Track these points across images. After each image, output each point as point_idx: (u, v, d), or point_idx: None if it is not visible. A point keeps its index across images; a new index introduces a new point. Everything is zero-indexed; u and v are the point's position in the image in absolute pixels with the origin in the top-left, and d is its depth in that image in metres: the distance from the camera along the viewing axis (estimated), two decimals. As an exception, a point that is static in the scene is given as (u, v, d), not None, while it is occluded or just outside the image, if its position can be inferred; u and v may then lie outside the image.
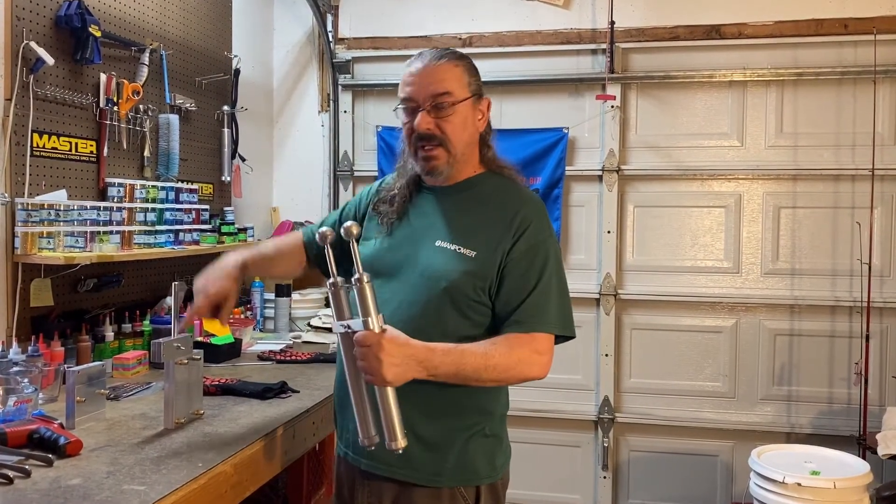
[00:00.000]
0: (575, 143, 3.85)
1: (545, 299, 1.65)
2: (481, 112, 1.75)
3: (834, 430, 3.57)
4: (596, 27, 3.79)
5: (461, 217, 1.70)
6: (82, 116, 2.57)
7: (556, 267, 1.70)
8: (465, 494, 1.66)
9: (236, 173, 3.57)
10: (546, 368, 1.65)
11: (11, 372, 1.95)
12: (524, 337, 1.62)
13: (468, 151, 1.73)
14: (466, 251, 1.63)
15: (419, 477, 1.64)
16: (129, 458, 1.62)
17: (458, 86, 1.69)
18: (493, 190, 1.74)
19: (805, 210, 3.67)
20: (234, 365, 2.62)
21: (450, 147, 1.68)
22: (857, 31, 3.52)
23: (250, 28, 3.84)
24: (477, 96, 1.74)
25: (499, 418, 1.73)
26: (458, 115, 1.68)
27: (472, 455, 1.66)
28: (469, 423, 1.66)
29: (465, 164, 1.74)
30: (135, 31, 2.83)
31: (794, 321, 3.68)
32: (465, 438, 1.65)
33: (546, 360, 1.64)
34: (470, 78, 1.72)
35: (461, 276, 1.62)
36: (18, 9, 2.28)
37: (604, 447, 3.80)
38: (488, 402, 1.69)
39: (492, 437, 1.70)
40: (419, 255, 1.67)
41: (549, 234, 1.71)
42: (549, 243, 1.70)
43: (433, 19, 3.95)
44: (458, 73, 1.70)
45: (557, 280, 1.69)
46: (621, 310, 3.83)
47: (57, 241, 2.31)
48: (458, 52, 1.77)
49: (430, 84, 1.68)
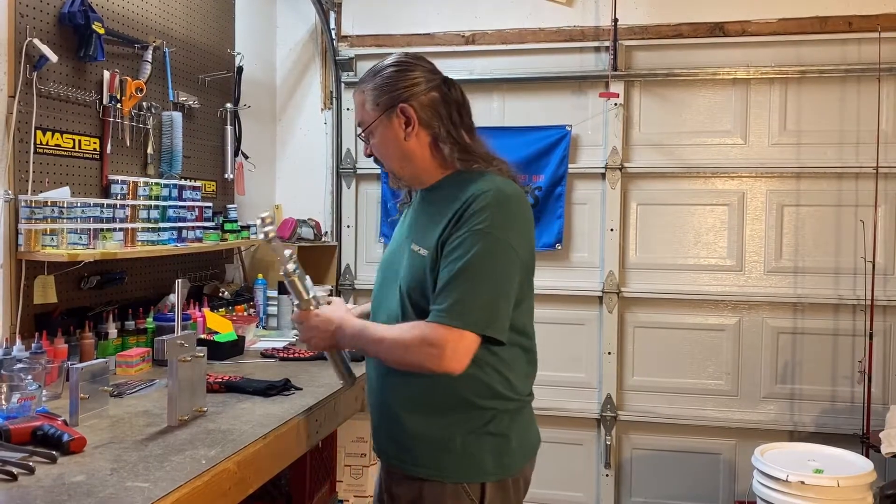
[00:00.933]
0: (578, 140, 3.85)
1: (456, 291, 1.56)
2: (404, 119, 1.71)
3: (837, 429, 3.57)
4: (599, 24, 3.78)
5: (427, 219, 1.72)
6: (85, 114, 2.57)
7: (489, 256, 1.58)
8: (468, 491, 1.66)
9: (239, 171, 3.57)
10: (443, 363, 1.55)
11: (15, 369, 1.95)
12: (424, 325, 1.58)
13: (408, 163, 1.75)
14: (422, 250, 1.66)
15: (425, 472, 1.68)
16: (133, 455, 1.62)
17: (365, 112, 1.75)
18: (453, 187, 1.69)
19: (808, 208, 3.66)
20: (238, 362, 2.62)
21: (388, 168, 1.80)
22: (861, 29, 3.51)
23: (253, 25, 3.84)
24: (390, 109, 1.71)
25: (507, 416, 1.69)
26: (376, 137, 1.75)
27: (474, 451, 1.66)
28: (467, 419, 1.66)
29: (418, 174, 1.76)
30: (138, 29, 2.83)
31: (797, 319, 3.67)
32: (466, 434, 1.66)
33: (438, 353, 1.54)
34: (378, 96, 1.72)
35: (416, 276, 1.66)
36: (22, 6, 2.29)
37: (606, 445, 3.80)
38: (485, 398, 1.66)
39: (498, 434, 1.68)
40: (403, 259, 1.74)
41: (491, 226, 1.58)
42: (487, 234, 1.58)
43: (436, 17, 3.95)
44: (362, 100, 1.76)
45: (486, 271, 1.57)
46: (624, 308, 3.83)
47: (60, 239, 2.31)
48: (373, 71, 1.77)
49: (355, 115, 1.86)
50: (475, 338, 1.57)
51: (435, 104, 1.72)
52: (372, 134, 1.75)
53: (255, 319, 3.15)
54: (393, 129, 1.72)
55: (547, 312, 3.83)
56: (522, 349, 1.72)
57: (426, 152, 1.74)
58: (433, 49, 3.93)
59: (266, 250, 3.68)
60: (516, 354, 1.71)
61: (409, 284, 1.67)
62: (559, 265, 3.88)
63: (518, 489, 1.74)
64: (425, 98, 1.72)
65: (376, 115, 1.72)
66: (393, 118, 1.71)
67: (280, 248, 1.80)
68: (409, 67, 1.74)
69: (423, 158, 1.74)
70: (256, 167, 3.78)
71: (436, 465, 1.67)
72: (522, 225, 1.66)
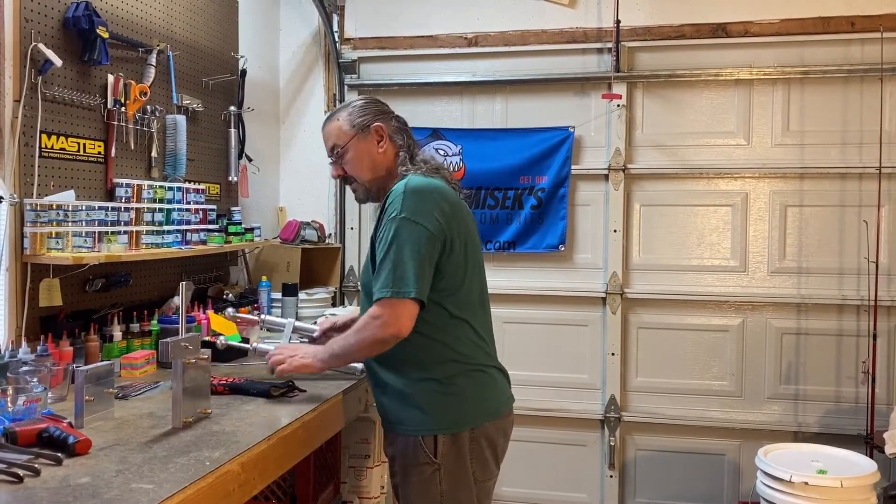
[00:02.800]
0: (581, 141, 3.85)
1: (382, 271, 1.89)
2: (377, 136, 2.11)
3: (841, 429, 3.57)
4: (601, 26, 3.79)
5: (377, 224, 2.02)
6: (90, 117, 2.59)
7: (397, 239, 1.89)
8: (423, 443, 1.94)
9: (243, 173, 3.58)
10: (387, 328, 1.87)
11: (21, 371, 1.97)
12: (369, 308, 1.93)
13: (380, 174, 2.12)
14: (367, 253, 2.03)
15: (391, 425, 2.04)
16: (138, 457, 1.63)
17: (340, 134, 2.12)
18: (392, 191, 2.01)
19: (812, 208, 3.66)
20: (242, 364, 2.63)
21: (358, 180, 2.13)
22: (863, 29, 3.51)
23: (257, 28, 3.85)
24: (364, 128, 2.10)
25: (460, 378, 1.97)
26: (349, 153, 2.11)
27: (428, 407, 1.95)
28: (423, 378, 1.96)
29: (385, 182, 2.10)
30: (142, 33, 2.85)
31: (800, 320, 3.67)
32: (423, 392, 1.96)
33: (380, 322, 1.88)
34: (353, 119, 2.11)
35: (364, 279, 2.05)
36: (27, 11, 2.30)
37: (610, 446, 3.80)
38: (438, 362, 1.96)
39: (450, 394, 1.96)
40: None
41: (398, 213, 1.90)
42: (394, 220, 1.90)
43: (439, 19, 3.95)
44: (338, 126, 2.13)
45: (396, 249, 1.88)
46: (627, 309, 3.83)
47: (65, 242, 2.33)
48: (346, 104, 2.19)
49: (326, 143, 2.17)
50: (410, 303, 1.87)
51: (398, 127, 2.15)
52: (347, 151, 2.10)
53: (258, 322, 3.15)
54: (367, 143, 2.10)
55: (550, 313, 3.84)
56: (468, 324, 2.01)
57: (392, 164, 2.12)
58: (436, 51, 3.94)
59: (270, 252, 3.69)
60: (463, 327, 2.00)
61: (363, 284, 2.08)
62: (562, 266, 3.88)
63: (478, 446, 1.98)
64: (392, 122, 2.14)
65: (353, 133, 2.10)
66: (369, 135, 2.11)
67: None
68: (376, 101, 2.19)
69: (389, 169, 2.12)
70: (260, 169, 3.79)
71: (399, 420, 2.00)
72: (432, 207, 1.92)
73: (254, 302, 3.32)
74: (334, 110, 2.21)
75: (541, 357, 3.90)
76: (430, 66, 3.98)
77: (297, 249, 3.65)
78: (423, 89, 3.98)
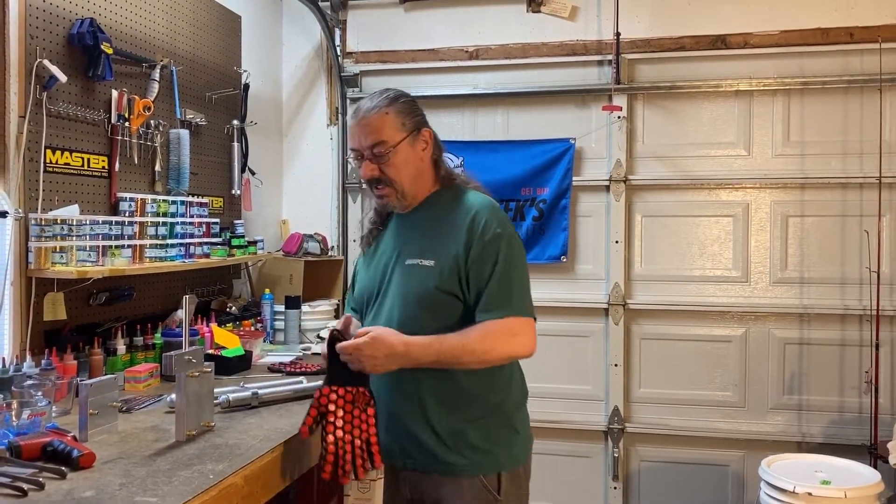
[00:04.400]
0: (582, 153, 3.87)
1: (506, 287, 1.81)
2: (424, 143, 1.91)
3: (845, 440, 3.56)
4: (602, 38, 3.81)
5: (423, 233, 1.89)
6: (94, 132, 2.61)
7: (511, 257, 1.83)
8: (485, 483, 1.81)
9: (246, 186, 3.60)
10: (528, 347, 1.82)
11: (25, 385, 1.98)
12: (497, 322, 1.79)
13: (417, 182, 1.91)
14: (427, 262, 1.84)
15: (442, 467, 1.82)
16: (142, 471, 1.64)
17: (391, 131, 1.85)
18: (447, 201, 1.92)
19: (813, 218, 3.66)
20: (245, 377, 2.63)
21: (395, 186, 1.88)
22: (862, 40, 3.53)
23: (259, 43, 3.88)
24: (415, 132, 1.89)
25: (513, 408, 1.90)
26: (398, 156, 1.86)
27: (492, 444, 1.83)
28: (479, 414, 1.83)
29: (418, 191, 1.92)
30: (146, 48, 2.87)
31: (803, 330, 3.67)
32: (483, 427, 1.83)
33: (525, 339, 1.81)
34: (404, 119, 1.88)
35: (425, 286, 1.83)
36: (32, 27, 2.33)
37: (614, 457, 3.79)
38: (495, 392, 1.86)
39: (509, 427, 1.87)
40: (395, 276, 1.89)
41: (503, 229, 1.84)
42: (503, 237, 1.83)
43: (440, 32, 3.98)
44: (389, 120, 1.86)
45: (515, 268, 1.84)
46: (630, 319, 3.83)
47: (70, 256, 2.34)
48: (391, 96, 1.90)
49: (367, 136, 1.85)
50: (534, 323, 1.84)
51: (434, 134, 1.96)
52: (396, 153, 1.86)
53: (262, 334, 3.16)
54: (415, 149, 1.89)
55: (553, 325, 3.84)
56: None
57: (430, 171, 1.95)
58: (437, 64, 3.96)
59: (273, 265, 3.70)
60: None
61: (420, 294, 1.83)
62: (564, 277, 3.89)
63: (527, 479, 1.93)
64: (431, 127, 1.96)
65: (405, 135, 1.87)
66: (418, 138, 1.90)
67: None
68: (415, 101, 1.96)
69: (427, 177, 1.94)
70: (263, 183, 3.81)
71: (453, 462, 1.81)
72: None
73: (257, 315, 3.33)
74: (375, 100, 1.89)
75: (544, 368, 3.89)
76: (432, 79, 4.00)
77: (300, 262, 3.66)
78: (424, 102, 3.92)
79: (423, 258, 1.85)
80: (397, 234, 1.97)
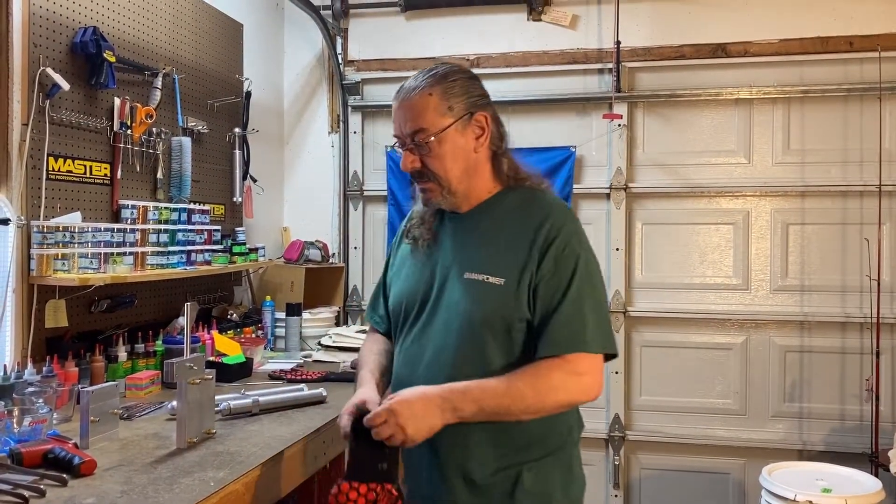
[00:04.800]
0: (582, 161, 3.88)
1: (577, 316, 1.51)
2: (479, 129, 1.61)
3: (846, 448, 3.55)
4: (602, 47, 3.82)
5: (485, 242, 1.60)
6: (97, 140, 2.62)
7: (588, 278, 1.55)
8: None
9: (247, 194, 3.60)
10: (592, 390, 1.52)
11: (27, 392, 1.98)
12: (555, 361, 1.50)
13: (469, 178, 1.62)
14: (495, 280, 1.54)
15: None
16: (143, 478, 1.64)
17: (434, 116, 1.56)
18: (513, 207, 1.63)
19: (813, 226, 3.67)
20: (245, 384, 2.63)
21: (440, 181, 1.60)
22: (862, 49, 3.54)
23: (261, 51, 3.90)
24: (467, 115, 1.59)
25: (571, 446, 1.65)
26: (443, 146, 1.57)
27: (546, 486, 1.58)
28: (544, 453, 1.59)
29: (471, 189, 1.63)
30: (148, 56, 2.89)
31: (804, 337, 3.67)
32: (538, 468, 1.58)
33: (589, 381, 1.51)
34: (451, 101, 1.57)
35: (494, 309, 1.53)
36: (35, 35, 2.34)
37: (615, 465, 3.79)
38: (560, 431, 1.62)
39: (565, 467, 1.63)
40: (449, 290, 1.59)
41: (578, 244, 1.57)
42: (577, 254, 1.56)
43: (441, 41, 3.99)
44: (433, 102, 1.57)
45: (590, 293, 1.55)
46: (631, 327, 3.83)
47: (72, 263, 2.35)
48: (438, 73, 1.60)
49: (407, 121, 1.58)
50: (602, 361, 1.54)
51: (497, 119, 1.66)
52: (441, 142, 1.57)
53: (262, 341, 3.17)
54: (465, 137, 1.59)
55: (553, 332, 3.82)
56: None
57: (487, 167, 1.65)
58: (438, 72, 3.97)
59: (274, 272, 3.71)
60: None
61: (486, 315, 1.54)
62: (565, 285, 3.88)
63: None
64: (491, 111, 1.64)
65: (450, 121, 1.57)
66: (468, 126, 1.60)
67: None
68: (475, 78, 1.65)
69: (483, 173, 1.65)
70: (265, 190, 3.82)
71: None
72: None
73: (258, 322, 3.34)
74: (420, 77, 1.60)
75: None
76: (433, 86, 4.00)
77: (301, 269, 3.67)
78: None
79: (489, 274, 1.55)
80: (453, 237, 1.65)
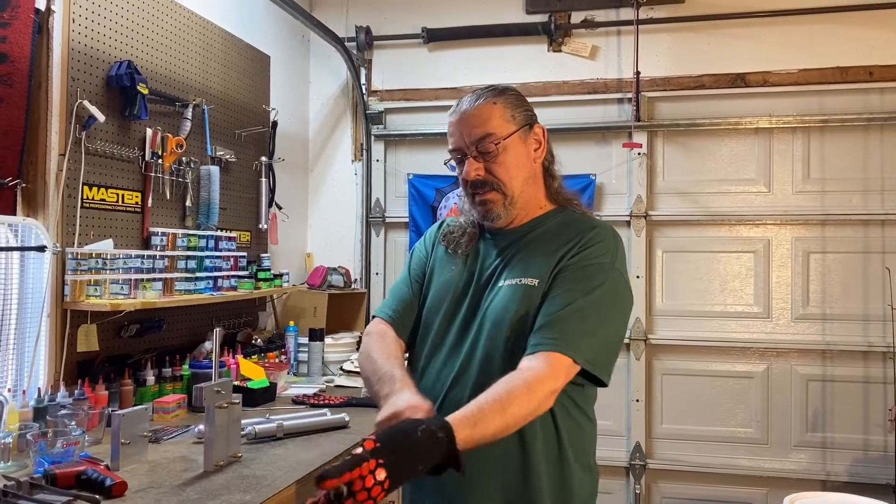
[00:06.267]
0: (603, 189, 3.91)
1: (580, 322, 1.46)
2: (536, 141, 1.64)
3: (870, 478, 3.52)
4: (622, 77, 3.87)
5: (526, 253, 1.59)
6: (129, 169, 2.70)
7: (610, 298, 1.50)
8: None
9: (273, 221, 3.67)
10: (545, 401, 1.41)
11: (59, 415, 2.04)
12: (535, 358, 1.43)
13: (528, 188, 1.62)
14: (528, 280, 1.53)
15: None
16: (171, 500, 1.68)
17: (500, 122, 1.58)
18: (561, 222, 1.62)
19: (834, 255, 3.67)
20: (270, 408, 2.67)
21: (504, 189, 1.59)
22: (882, 79, 3.56)
23: (288, 82, 3.99)
24: (527, 126, 1.62)
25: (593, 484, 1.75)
26: (508, 153, 1.58)
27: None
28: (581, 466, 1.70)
29: (528, 202, 1.63)
30: (179, 88, 2.98)
31: (826, 366, 3.65)
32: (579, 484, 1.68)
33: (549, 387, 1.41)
34: (514, 111, 1.60)
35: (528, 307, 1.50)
36: (73, 70, 2.43)
37: (636, 494, 3.77)
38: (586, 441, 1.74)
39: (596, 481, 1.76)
40: (487, 299, 1.57)
41: (613, 261, 1.54)
42: (610, 270, 1.52)
43: (463, 71, 4.07)
44: (498, 111, 1.59)
45: (606, 311, 1.49)
46: (651, 355, 3.84)
47: (104, 289, 2.41)
48: (497, 88, 1.64)
49: (472, 129, 1.58)
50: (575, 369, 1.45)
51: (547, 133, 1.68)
52: (506, 148, 1.58)
53: (286, 366, 3.21)
54: (527, 146, 1.62)
55: (574, 359, 3.83)
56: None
57: (541, 181, 1.67)
58: (460, 102, 4.03)
59: (297, 298, 3.77)
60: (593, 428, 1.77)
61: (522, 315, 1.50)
62: (586, 312, 3.89)
63: None
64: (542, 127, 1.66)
65: (517, 128, 1.60)
66: (528, 136, 1.63)
67: None
68: (523, 97, 1.68)
69: (539, 186, 1.66)
70: (289, 217, 3.89)
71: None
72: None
73: (281, 347, 3.39)
74: (478, 94, 1.62)
75: (565, 403, 3.89)
76: (455, 116, 4.07)
77: (324, 295, 3.72)
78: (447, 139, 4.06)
79: (524, 276, 1.54)
80: (495, 251, 1.64)
